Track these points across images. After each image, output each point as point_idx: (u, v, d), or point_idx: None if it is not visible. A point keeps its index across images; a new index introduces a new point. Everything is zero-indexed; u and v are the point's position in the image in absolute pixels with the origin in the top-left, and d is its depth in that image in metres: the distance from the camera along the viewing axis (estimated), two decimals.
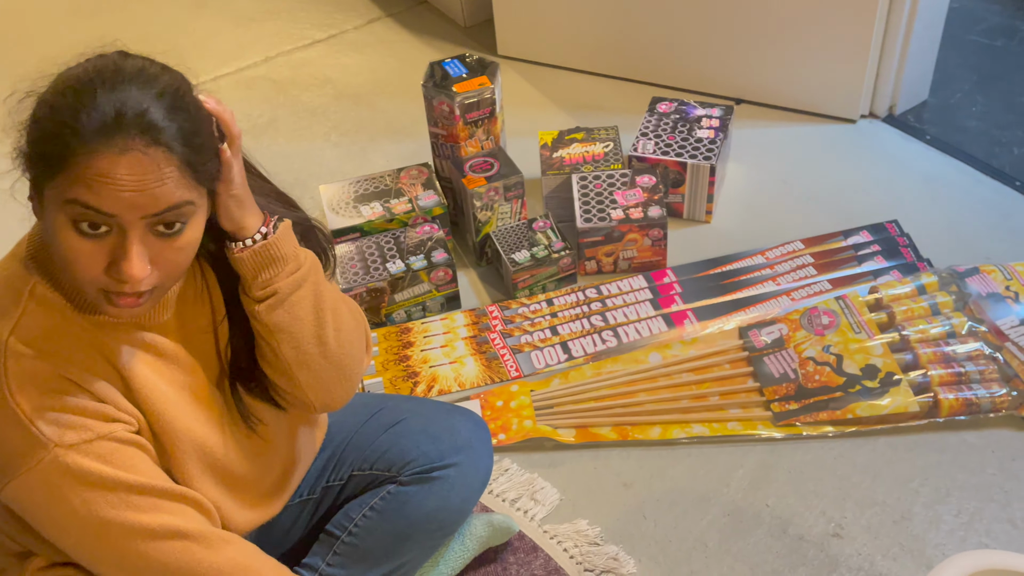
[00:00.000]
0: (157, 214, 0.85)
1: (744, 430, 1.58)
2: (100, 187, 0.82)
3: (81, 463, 0.91)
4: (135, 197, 0.83)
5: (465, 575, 1.39)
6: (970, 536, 1.40)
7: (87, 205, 0.83)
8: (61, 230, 0.86)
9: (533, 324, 1.80)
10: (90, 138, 0.82)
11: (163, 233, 0.87)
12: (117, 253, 0.86)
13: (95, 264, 0.86)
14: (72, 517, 0.93)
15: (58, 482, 0.91)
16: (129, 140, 0.82)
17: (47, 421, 0.89)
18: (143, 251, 0.86)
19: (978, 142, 2.19)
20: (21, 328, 0.91)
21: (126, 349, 0.97)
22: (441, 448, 1.26)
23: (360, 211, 1.92)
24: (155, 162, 0.83)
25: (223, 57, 2.76)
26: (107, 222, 0.84)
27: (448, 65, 1.92)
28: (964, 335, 1.67)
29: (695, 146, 1.99)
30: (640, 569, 1.39)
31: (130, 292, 0.88)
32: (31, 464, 0.90)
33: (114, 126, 0.82)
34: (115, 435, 0.93)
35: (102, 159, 0.82)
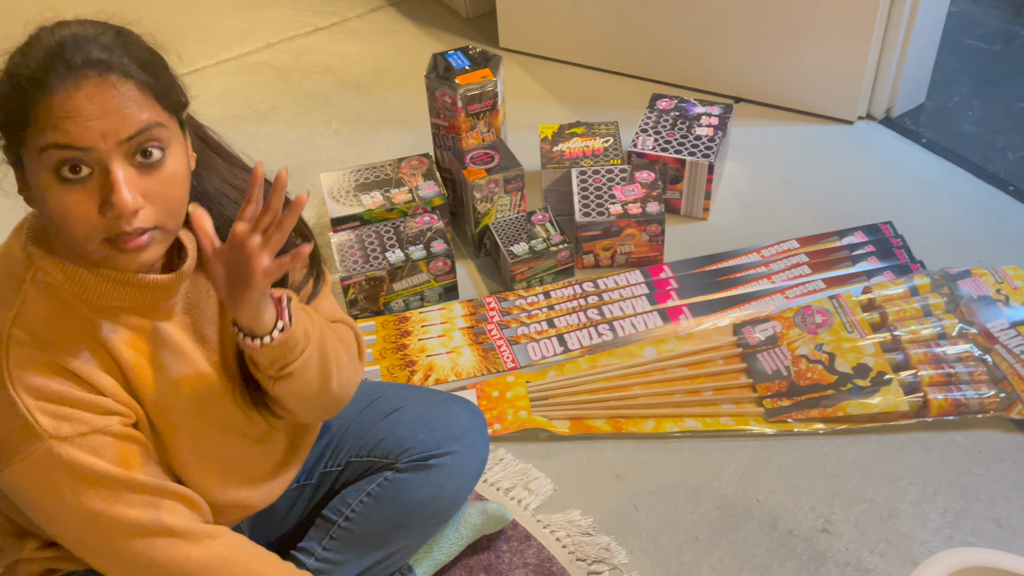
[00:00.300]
0: (130, 138, 0.85)
1: (736, 425, 1.60)
2: (67, 123, 0.83)
3: (74, 456, 0.91)
4: (102, 123, 0.84)
5: (458, 562, 1.40)
6: (956, 534, 1.42)
7: (59, 144, 0.83)
8: (48, 189, 0.86)
9: (530, 316, 1.82)
10: (43, 81, 0.83)
11: (143, 164, 0.87)
12: (105, 190, 0.86)
13: (87, 210, 0.86)
14: (62, 508, 0.94)
15: (50, 473, 0.92)
16: (81, 74, 0.84)
17: (44, 412, 0.90)
18: (129, 177, 0.86)
19: (974, 146, 2.21)
20: (22, 316, 0.91)
21: (128, 338, 0.97)
22: (438, 436, 1.28)
23: (360, 200, 1.93)
24: (112, 86, 0.85)
25: (225, 42, 2.76)
26: (85, 158, 0.84)
27: (451, 57, 1.93)
28: (955, 337, 1.69)
29: (694, 143, 2.00)
30: (631, 560, 1.42)
31: (129, 229, 0.87)
32: (25, 454, 0.91)
33: (63, 64, 0.83)
34: (110, 429, 0.94)
35: (60, 97, 0.83)
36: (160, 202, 0.89)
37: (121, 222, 0.86)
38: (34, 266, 0.93)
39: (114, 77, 0.85)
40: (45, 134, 0.84)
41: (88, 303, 0.95)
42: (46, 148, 0.84)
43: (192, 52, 2.70)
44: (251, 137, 2.37)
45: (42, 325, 0.92)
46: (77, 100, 0.83)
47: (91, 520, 0.94)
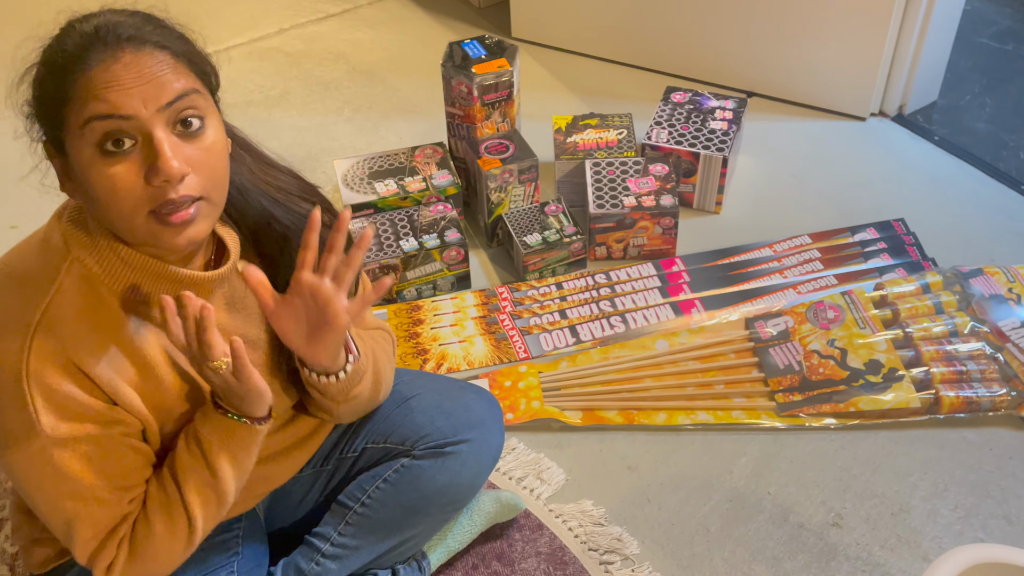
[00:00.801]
0: (170, 103, 0.87)
1: (748, 419, 1.60)
2: (108, 92, 0.85)
3: (64, 460, 0.93)
4: (142, 90, 0.86)
5: (471, 550, 1.41)
6: (966, 531, 1.43)
7: (102, 115, 0.85)
8: (91, 166, 0.87)
9: (542, 307, 1.82)
10: (82, 57, 0.85)
11: (184, 133, 0.89)
12: (150, 158, 0.87)
13: (133, 180, 0.87)
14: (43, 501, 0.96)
15: (40, 468, 0.93)
16: (117, 49, 0.86)
17: (48, 412, 0.91)
18: (173, 143, 0.87)
19: (985, 145, 2.22)
20: (55, 306, 0.92)
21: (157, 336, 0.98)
22: (455, 424, 1.28)
23: (374, 187, 1.93)
24: (149, 56, 0.87)
25: (236, 27, 2.75)
26: (127, 128, 0.86)
27: (467, 46, 1.93)
28: (966, 335, 1.70)
29: (708, 137, 2.00)
30: (643, 551, 1.42)
31: (176, 196, 0.87)
32: (22, 445, 0.92)
33: (100, 42, 0.86)
34: (107, 439, 0.95)
35: (99, 70, 0.85)
36: (204, 170, 0.90)
37: (167, 189, 0.87)
38: (71, 255, 0.93)
39: (148, 48, 0.87)
40: (87, 106, 0.85)
41: (121, 296, 0.95)
42: (89, 121, 0.85)
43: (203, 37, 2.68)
44: (262, 123, 2.37)
45: (72, 317, 0.92)
46: (115, 70, 0.85)
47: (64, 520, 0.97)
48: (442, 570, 1.38)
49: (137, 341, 0.96)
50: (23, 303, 0.92)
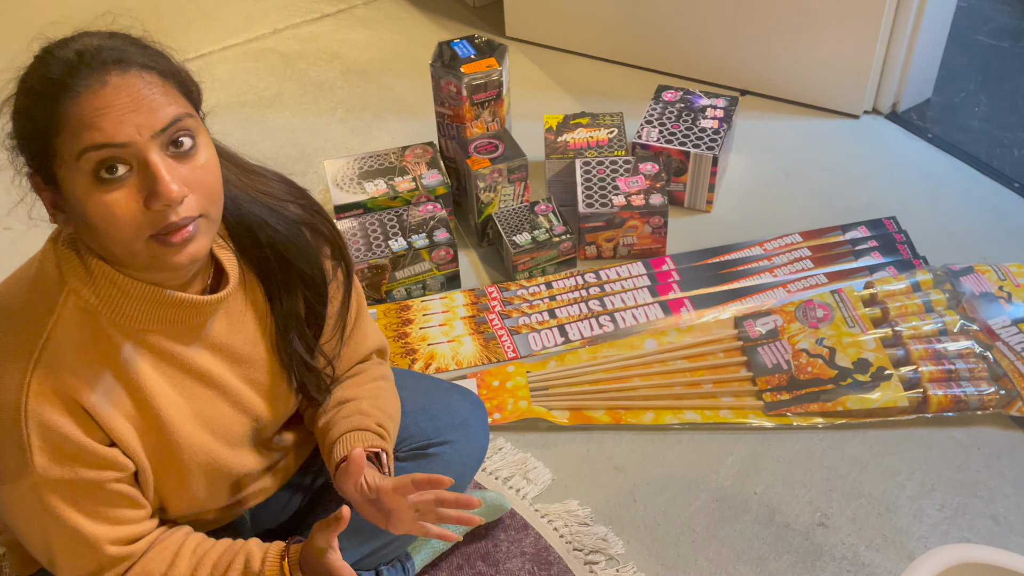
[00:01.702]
0: (164, 129, 0.86)
1: (735, 418, 1.60)
2: (102, 119, 0.83)
3: (52, 503, 0.93)
4: (137, 116, 0.84)
5: (456, 550, 1.41)
6: (953, 530, 1.43)
7: (99, 144, 0.84)
8: (88, 195, 0.86)
9: (531, 306, 1.82)
10: (68, 84, 0.83)
11: (177, 153, 0.88)
12: (148, 184, 0.86)
13: (132, 206, 0.86)
14: (32, 537, 0.97)
15: (29, 505, 0.93)
16: (103, 73, 0.84)
17: (43, 452, 0.91)
18: (169, 166, 0.87)
19: (979, 142, 2.21)
20: (53, 340, 0.91)
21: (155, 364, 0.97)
22: (438, 425, 1.28)
23: (364, 187, 1.93)
24: (138, 79, 0.86)
25: (231, 28, 2.76)
26: (123, 155, 0.85)
27: (457, 45, 1.93)
28: (956, 333, 1.69)
29: (699, 135, 2.00)
30: (628, 550, 1.42)
31: (177, 219, 0.87)
32: (12, 480, 0.92)
33: (84, 66, 0.84)
34: (100, 483, 0.95)
35: (89, 97, 0.83)
36: (200, 188, 0.89)
37: (168, 212, 0.86)
38: (67, 287, 0.93)
39: (135, 70, 0.86)
40: (81, 137, 0.84)
41: (120, 326, 0.94)
42: (84, 151, 0.84)
43: (198, 38, 2.70)
44: (256, 124, 2.37)
45: (71, 351, 0.92)
46: (105, 95, 0.84)
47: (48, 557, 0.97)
48: (427, 571, 1.39)
49: (135, 372, 0.96)
50: (21, 338, 0.91)
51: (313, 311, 1.10)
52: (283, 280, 1.07)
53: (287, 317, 1.08)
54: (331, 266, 1.11)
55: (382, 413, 1.15)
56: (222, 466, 1.07)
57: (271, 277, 1.07)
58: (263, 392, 1.09)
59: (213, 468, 1.06)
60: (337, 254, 1.11)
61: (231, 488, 1.12)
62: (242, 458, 1.10)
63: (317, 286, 1.09)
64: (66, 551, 0.96)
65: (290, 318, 1.09)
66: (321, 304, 1.10)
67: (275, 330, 1.08)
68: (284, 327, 1.08)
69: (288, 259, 1.06)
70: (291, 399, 1.14)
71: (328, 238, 1.10)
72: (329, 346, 1.14)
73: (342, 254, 1.12)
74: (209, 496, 1.08)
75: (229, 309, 1.04)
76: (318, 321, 1.11)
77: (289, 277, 1.07)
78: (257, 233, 1.04)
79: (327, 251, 1.10)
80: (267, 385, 1.10)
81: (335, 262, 1.11)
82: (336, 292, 1.12)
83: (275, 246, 1.05)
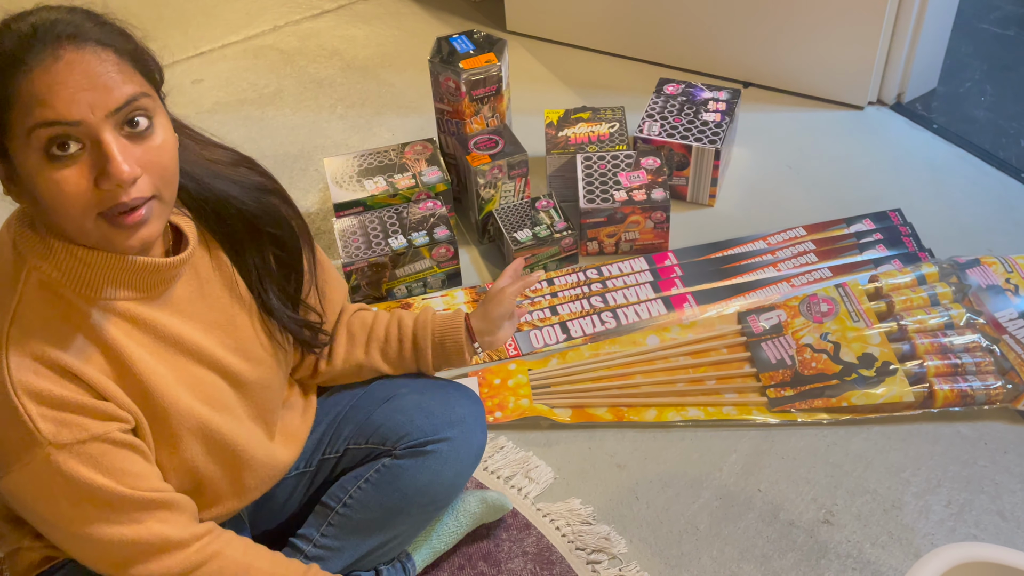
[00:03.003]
0: (118, 108, 0.85)
1: (739, 415, 1.58)
2: (54, 96, 0.82)
3: (72, 467, 0.91)
4: (90, 94, 0.83)
5: (458, 550, 1.40)
6: (959, 527, 1.41)
7: (50, 121, 0.82)
8: (38, 172, 0.85)
9: (533, 303, 1.81)
10: (20, 58, 0.82)
11: (132, 134, 0.87)
12: (99, 163, 0.85)
13: (82, 184, 0.85)
14: (59, 519, 0.94)
15: (48, 482, 0.91)
16: (57, 47, 0.83)
17: (45, 418, 0.89)
18: (122, 145, 0.85)
19: (985, 133, 2.18)
20: (20, 318, 0.90)
21: (128, 330, 0.96)
22: (435, 422, 1.27)
23: (364, 185, 1.92)
24: (94, 57, 0.84)
25: (231, 25, 2.75)
26: (75, 133, 0.84)
27: (455, 41, 1.91)
28: (962, 327, 1.67)
29: (701, 129, 1.98)
30: (631, 550, 1.41)
31: (127, 199, 0.86)
32: (25, 460, 0.90)
33: (37, 41, 0.83)
34: (109, 436, 0.93)
35: (42, 73, 0.82)
36: (154, 170, 0.88)
37: (119, 192, 0.85)
38: (27, 265, 0.92)
39: (91, 46, 0.85)
40: (32, 113, 0.83)
41: (86, 297, 0.94)
42: (34, 128, 0.83)
43: (198, 35, 2.69)
44: (256, 121, 2.36)
45: (41, 325, 0.91)
46: (57, 70, 0.82)
47: (86, 536, 0.95)
48: (428, 571, 1.38)
49: (109, 338, 0.95)
50: None
51: (290, 268, 1.12)
52: (251, 242, 1.08)
53: (260, 275, 1.09)
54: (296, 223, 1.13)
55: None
56: (215, 432, 1.05)
57: (238, 242, 1.07)
58: (241, 353, 1.08)
59: (206, 434, 1.04)
60: (293, 211, 1.13)
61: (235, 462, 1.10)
62: (238, 425, 1.08)
63: (288, 244, 1.11)
64: (99, 521, 0.94)
65: (264, 276, 1.09)
66: (296, 260, 1.12)
67: (249, 290, 1.09)
68: (260, 285, 1.09)
69: (257, 226, 1.07)
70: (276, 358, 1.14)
71: (282, 197, 1.11)
72: (311, 298, 1.18)
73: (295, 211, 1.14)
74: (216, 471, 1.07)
75: (195, 273, 1.03)
76: (297, 277, 1.13)
77: (259, 239, 1.08)
78: (222, 207, 1.04)
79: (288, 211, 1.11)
80: (244, 347, 1.09)
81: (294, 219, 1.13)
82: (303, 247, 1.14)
83: (244, 216, 1.06)
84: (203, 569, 1.01)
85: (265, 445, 1.15)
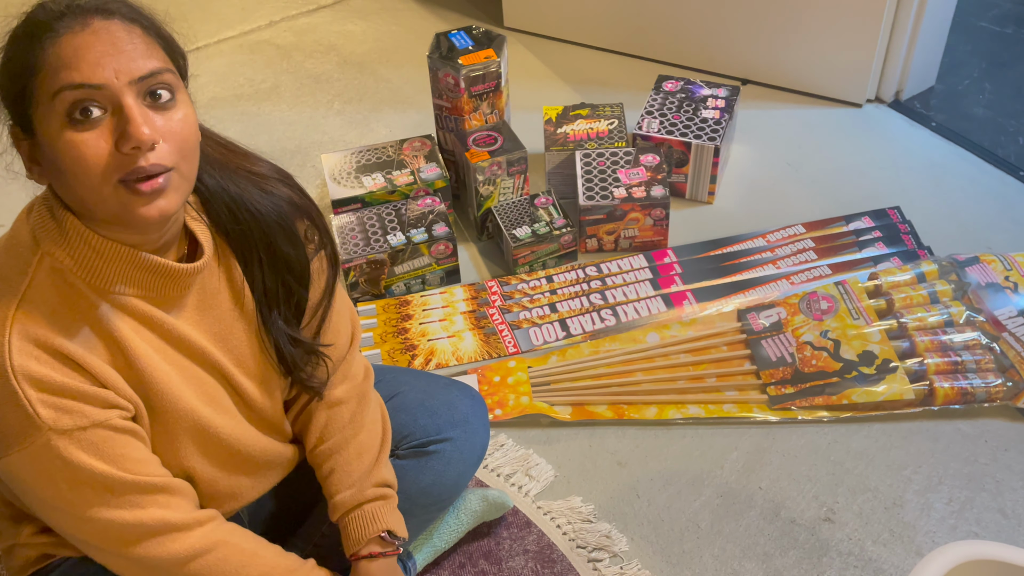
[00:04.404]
0: (142, 77, 0.86)
1: (740, 413, 1.58)
2: (79, 61, 0.84)
3: (71, 452, 0.91)
4: (115, 59, 0.85)
5: (458, 549, 1.40)
6: (960, 524, 1.41)
7: (74, 84, 0.84)
8: (59, 136, 0.85)
9: (532, 300, 1.80)
10: (50, 25, 0.85)
11: (154, 104, 0.87)
12: (120, 126, 0.85)
13: (102, 146, 0.85)
14: (59, 501, 0.94)
15: (48, 466, 0.91)
16: (88, 17, 0.85)
17: (45, 404, 0.89)
18: (144, 111, 0.86)
19: (984, 130, 2.18)
20: (28, 302, 0.90)
21: (135, 327, 0.96)
22: (438, 422, 1.27)
23: (362, 181, 1.91)
24: (121, 27, 0.86)
25: (227, 20, 2.73)
26: (98, 97, 0.84)
27: (454, 37, 1.90)
28: (962, 324, 1.67)
29: (700, 126, 1.98)
30: (632, 547, 1.40)
31: (146, 164, 0.86)
32: (24, 444, 0.90)
33: (69, 12, 0.86)
34: (110, 423, 0.93)
35: (70, 38, 0.84)
36: (174, 140, 0.88)
37: (138, 155, 0.86)
38: (41, 250, 0.92)
39: (118, 20, 0.87)
40: (58, 75, 0.84)
41: (96, 288, 0.93)
42: (60, 91, 0.84)
43: (194, 30, 2.64)
44: (252, 117, 2.35)
45: (48, 311, 0.91)
46: (85, 36, 0.84)
47: (85, 518, 0.95)
48: (429, 569, 1.37)
49: (116, 331, 0.94)
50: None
51: (293, 293, 1.09)
52: (265, 259, 1.06)
53: (269, 297, 1.07)
54: (314, 249, 1.10)
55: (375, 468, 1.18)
56: (214, 433, 1.04)
57: (251, 255, 1.05)
58: (246, 370, 1.07)
59: (204, 435, 1.03)
60: (324, 239, 1.10)
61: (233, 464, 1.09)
62: (238, 427, 1.07)
63: (298, 268, 1.08)
64: (99, 504, 0.94)
65: (272, 298, 1.07)
66: (303, 286, 1.09)
67: (256, 310, 1.07)
68: (267, 307, 1.07)
69: (271, 238, 1.04)
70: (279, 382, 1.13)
71: (313, 220, 1.09)
72: (308, 330, 1.12)
73: (328, 238, 1.11)
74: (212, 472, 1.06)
75: (202, 285, 1.02)
76: (299, 304, 1.10)
77: (273, 257, 1.06)
78: (238, 208, 1.02)
79: (311, 235, 1.09)
80: (250, 364, 1.08)
81: (320, 246, 1.10)
82: (319, 277, 1.11)
83: (258, 222, 1.03)
84: (209, 556, 1.00)
85: (265, 445, 1.14)
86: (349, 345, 1.19)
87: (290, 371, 1.11)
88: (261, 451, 1.12)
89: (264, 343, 1.09)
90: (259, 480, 1.15)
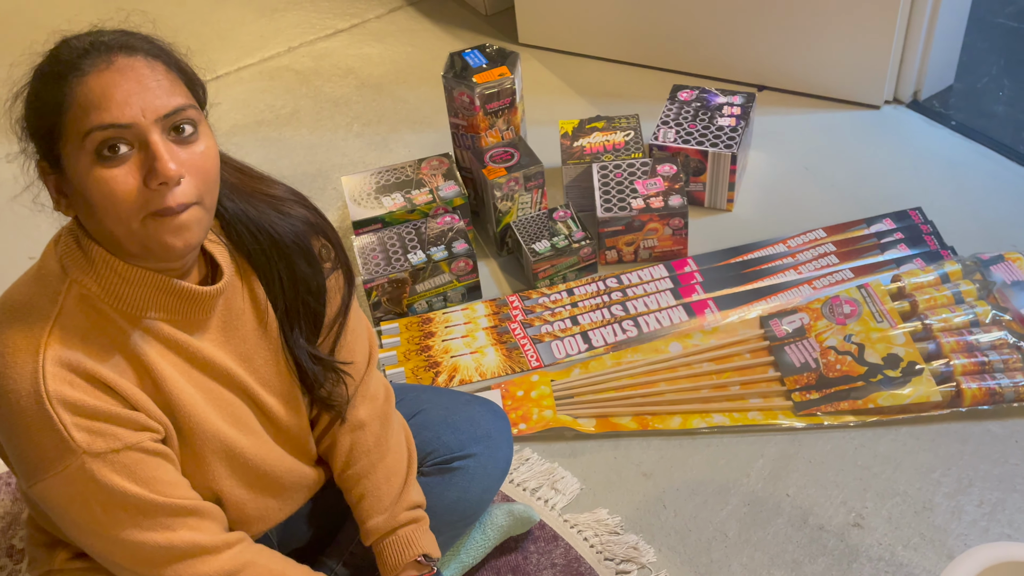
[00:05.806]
0: (167, 115, 0.89)
1: (764, 420, 1.58)
2: (108, 101, 0.87)
3: (106, 475, 0.93)
4: (141, 97, 0.88)
5: (486, 564, 1.40)
6: (992, 527, 1.39)
7: (104, 124, 0.86)
8: (89, 173, 0.88)
9: (553, 314, 1.81)
10: (77, 65, 0.87)
11: (178, 139, 0.90)
12: (148, 163, 0.88)
13: (131, 183, 0.88)
14: (93, 524, 0.95)
15: (82, 489, 0.93)
16: (112, 56, 0.88)
17: (79, 427, 0.91)
18: (170, 148, 0.89)
19: (1004, 128, 2.17)
20: (59, 328, 0.92)
21: (162, 351, 0.98)
22: (461, 438, 1.27)
23: (382, 202, 1.93)
24: (145, 66, 0.89)
25: (246, 48, 2.77)
26: (126, 136, 0.87)
27: (468, 55, 1.92)
28: (988, 324, 1.66)
29: (716, 134, 1.98)
30: (660, 559, 1.40)
31: (173, 205, 0.89)
32: (59, 468, 0.92)
33: (94, 50, 0.89)
34: (142, 446, 0.95)
35: (96, 76, 0.87)
36: (197, 174, 0.91)
37: (164, 193, 0.88)
38: (69, 278, 0.95)
39: (141, 56, 0.90)
40: (88, 116, 0.87)
41: (123, 313, 0.96)
42: (90, 132, 0.87)
43: (214, 59, 2.72)
44: (273, 142, 2.38)
45: (79, 338, 0.93)
46: (111, 75, 0.87)
47: (118, 540, 0.96)
48: None
49: (144, 355, 0.97)
50: (28, 330, 0.92)
51: (312, 311, 1.11)
52: (286, 278, 1.08)
53: (290, 315, 1.09)
54: (330, 267, 1.12)
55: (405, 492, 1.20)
56: (240, 454, 1.05)
57: (272, 275, 1.07)
58: (271, 389, 1.09)
59: (232, 456, 1.05)
60: (340, 257, 1.13)
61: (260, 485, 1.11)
62: (265, 448, 1.09)
63: (315, 286, 1.10)
64: (131, 526, 0.95)
65: (293, 316, 1.09)
66: (319, 304, 1.11)
67: (279, 328, 1.09)
68: (288, 325, 1.09)
69: (290, 259, 1.07)
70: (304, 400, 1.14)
71: (328, 238, 1.11)
72: (324, 346, 1.15)
73: (343, 256, 1.13)
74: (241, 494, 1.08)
75: (227, 307, 1.04)
76: (316, 321, 1.12)
77: (292, 276, 1.08)
78: (258, 230, 1.05)
79: (326, 253, 1.11)
80: (275, 384, 1.09)
81: (335, 264, 1.13)
82: (335, 295, 1.13)
83: (276, 243, 1.06)
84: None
85: (291, 465, 1.15)
86: (367, 363, 1.21)
87: (311, 388, 1.13)
88: (287, 471, 1.14)
89: (287, 361, 1.11)
90: (286, 502, 1.16)
